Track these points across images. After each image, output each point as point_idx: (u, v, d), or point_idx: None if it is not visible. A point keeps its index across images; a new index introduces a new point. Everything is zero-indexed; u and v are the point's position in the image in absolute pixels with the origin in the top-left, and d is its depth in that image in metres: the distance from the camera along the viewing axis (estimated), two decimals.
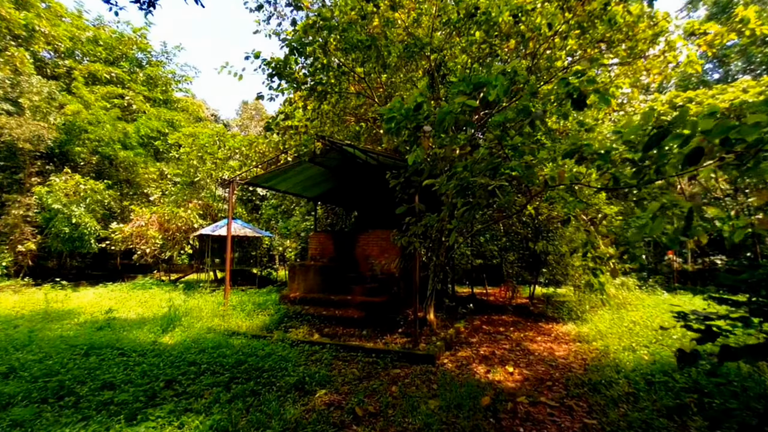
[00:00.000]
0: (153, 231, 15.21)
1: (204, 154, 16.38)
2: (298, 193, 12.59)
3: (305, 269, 9.96)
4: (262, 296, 12.03)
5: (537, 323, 10.19)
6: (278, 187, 11.30)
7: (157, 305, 10.85)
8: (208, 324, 8.35)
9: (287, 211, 17.75)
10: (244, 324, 8.52)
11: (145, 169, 19.08)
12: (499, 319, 10.49)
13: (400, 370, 6.05)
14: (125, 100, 19.87)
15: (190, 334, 7.42)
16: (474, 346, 7.59)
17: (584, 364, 6.58)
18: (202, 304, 10.00)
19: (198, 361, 5.75)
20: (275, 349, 6.54)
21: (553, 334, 8.85)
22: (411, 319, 8.75)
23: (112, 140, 17.32)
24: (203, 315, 8.89)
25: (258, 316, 9.21)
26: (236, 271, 17.21)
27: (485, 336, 8.48)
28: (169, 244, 15.86)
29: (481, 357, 6.85)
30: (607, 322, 9.29)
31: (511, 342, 8.03)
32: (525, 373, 6.11)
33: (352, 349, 6.81)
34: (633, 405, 4.75)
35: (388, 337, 7.95)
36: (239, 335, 7.61)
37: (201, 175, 16.61)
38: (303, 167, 10.37)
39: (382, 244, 9.94)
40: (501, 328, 9.28)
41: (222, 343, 6.74)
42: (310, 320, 8.63)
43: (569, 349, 7.55)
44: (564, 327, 9.63)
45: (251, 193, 19.07)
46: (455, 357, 6.85)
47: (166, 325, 8.15)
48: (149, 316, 9.31)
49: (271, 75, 7.04)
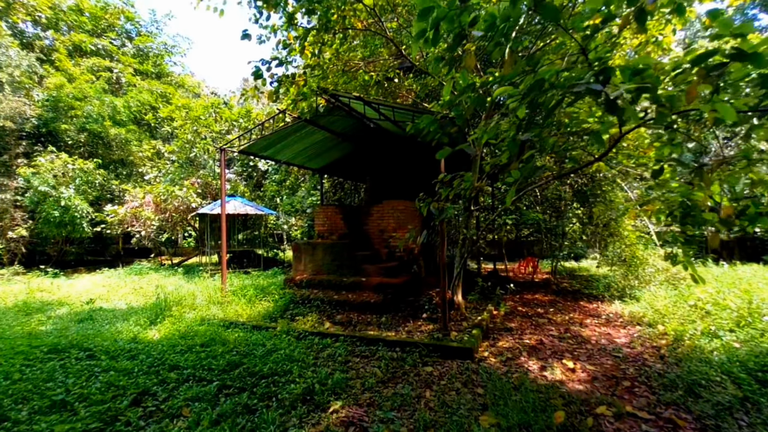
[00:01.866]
0: (148, 212, 14.10)
1: (199, 127, 15.05)
2: (301, 165, 11.27)
3: (312, 248, 8.75)
4: (267, 279, 10.92)
5: (577, 302, 8.94)
6: (278, 157, 9.99)
7: (152, 292, 9.79)
8: (203, 313, 7.24)
9: (292, 188, 16.49)
10: (244, 312, 7.40)
11: (139, 146, 17.82)
12: (533, 298, 9.25)
13: (431, 367, 4.86)
14: (114, 74, 18.45)
15: (179, 327, 6.31)
16: (515, 334, 6.37)
17: (658, 355, 5.33)
18: (198, 290, 8.90)
19: (182, 365, 4.61)
20: (278, 345, 5.38)
21: (603, 316, 7.59)
22: (437, 302, 7.55)
23: (101, 116, 16.03)
24: (198, 303, 7.77)
25: (260, 302, 8.08)
26: (241, 253, 16.15)
27: (524, 320, 7.26)
28: (167, 225, 14.78)
29: (528, 348, 5.62)
30: (663, 300, 8.00)
31: (558, 327, 6.80)
32: (589, 368, 4.88)
33: (370, 342, 5.63)
34: (756, 415, 3.51)
35: (411, 324, 6.76)
36: (237, 326, 6.48)
37: (198, 150, 15.32)
38: (306, 132, 9.01)
39: (399, 217, 8.65)
40: (539, 310, 8.04)
41: (215, 338, 5.60)
42: (320, 306, 7.47)
43: (630, 335, 6.30)
44: (611, 306, 8.36)
45: (252, 168, 17.80)
46: (496, 348, 5.64)
47: (155, 316, 7.06)
48: (139, 306, 8.25)
49: (259, 8, 5.63)
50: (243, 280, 10.57)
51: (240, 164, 17.92)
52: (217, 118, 16.25)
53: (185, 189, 14.17)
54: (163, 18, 22.40)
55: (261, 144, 8.88)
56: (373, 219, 8.92)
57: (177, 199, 14.12)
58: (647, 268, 9.42)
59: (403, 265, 8.54)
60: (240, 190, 17.97)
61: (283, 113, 7.65)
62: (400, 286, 7.58)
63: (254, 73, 5.62)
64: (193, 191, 14.56)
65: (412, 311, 7.27)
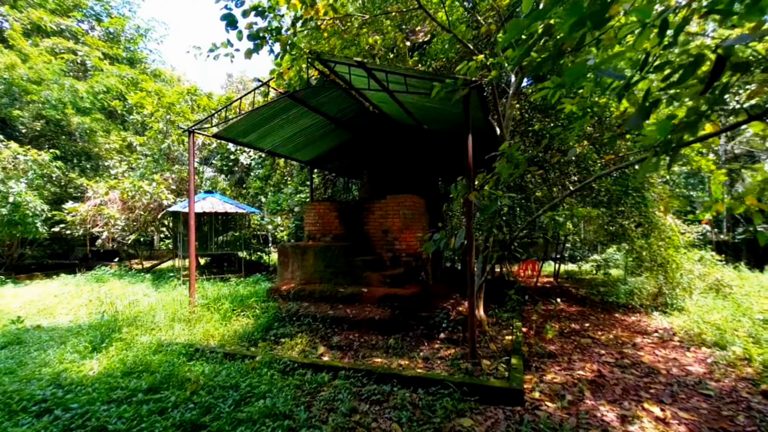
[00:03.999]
0: (113, 210, 12.36)
1: (173, 116, 13.39)
2: (288, 155, 9.78)
3: (301, 252, 7.29)
4: (248, 287, 9.40)
5: (611, 314, 7.71)
6: (261, 145, 8.48)
7: (110, 304, 8.18)
8: (164, 335, 5.73)
9: (278, 185, 14.93)
10: (216, 332, 5.91)
11: (106, 138, 15.99)
12: (559, 310, 7.97)
13: (470, 419, 3.49)
14: (78, 57, 16.57)
15: (127, 357, 4.79)
16: (561, 361, 5.05)
17: (758, 391, 4.08)
18: (163, 302, 7.35)
19: (111, 427, 3.12)
20: (257, 385, 3.94)
21: (651, 333, 6.36)
22: (454, 318, 6.19)
23: (61, 102, 14.20)
24: (159, 320, 6.23)
25: (238, 318, 6.59)
26: (220, 256, 14.51)
27: (563, 340, 5.95)
28: (136, 225, 13.06)
29: (587, 383, 4.29)
30: (716, 312, 6.83)
31: (608, 350, 5.51)
32: (684, 417, 3.57)
33: (382, 378, 4.22)
34: None
35: (426, 348, 5.40)
36: (205, 354, 4.99)
37: (171, 141, 13.62)
38: (294, 114, 7.56)
39: (406, 214, 7.25)
40: (574, 325, 6.77)
41: (172, 375, 4.12)
42: (311, 324, 6.03)
43: (702, 361, 5.06)
44: (653, 320, 7.15)
45: (234, 163, 16.16)
46: (546, 384, 4.30)
47: (100, 340, 5.52)
48: (86, 323, 6.65)
49: None
50: (219, 289, 9.03)
51: (220, 158, 16.27)
52: (194, 106, 14.59)
53: (155, 184, 12.48)
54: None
55: (240, 127, 7.38)
56: (375, 217, 7.51)
57: (146, 196, 12.42)
58: (684, 273, 8.25)
59: (410, 272, 7.16)
60: (220, 186, 16.32)
61: (265, 85, 6.18)
62: (410, 299, 6.19)
63: (225, 18, 4.17)
64: (165, 187, 12.88)
65: (426, 330, 5.89)
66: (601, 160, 6.65)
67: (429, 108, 6.89)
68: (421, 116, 7.77)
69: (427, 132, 8.88)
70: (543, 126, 7.00)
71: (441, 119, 7.55)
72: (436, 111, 6.96)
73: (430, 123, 8.22)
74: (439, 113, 7.04)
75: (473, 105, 5.21)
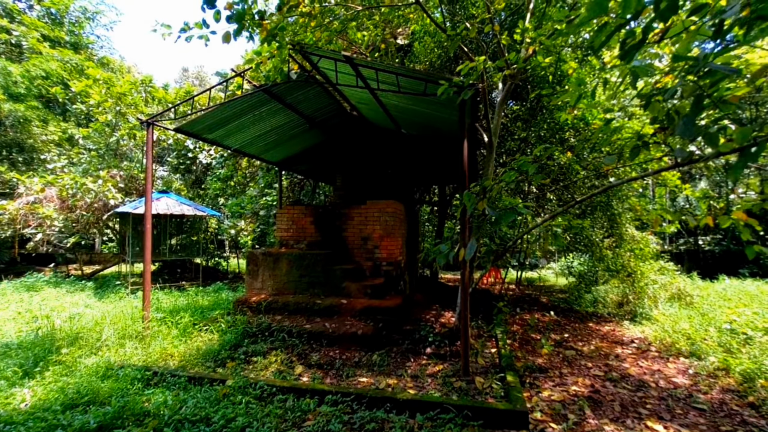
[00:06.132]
0: (49, 209, 10.97)
1: (123, 107, 12.17)
2: (256, 155, 9.13)
3: (273, 260, 6.72)
4: (208, 297, 8.62)
5: (585, 323, 7.80)
6: (227, 142, 7.80)
7: (43, 318, 7.11)
8: (113, 354, 4.97)
9: (240, 185, 14.05)
10: (176, 351, 5.22)
11: (43, 128, 14.28)
12: (535, 319, 7.94)
13: None
14: (13, 36, 14.71)
15: (69, 383, 4.04)
16: (553, 375, 4.91)
17: (745, 404, 4.13)
18: (110, 315, 6.46)
19: None
20: (231, 416, 3.40)
21: (628, 343, 6.44)
22: (439, 331, 5.92)
23: None
24: (106, 338, 5.42)
25: (200, 333, 5.91)
26: (173, 262, 13.36)
27: (548, 352, 5.84)
28: (77, 227, 11.69)
29: (586, 400, 4.14)
30: (684, 321, 7.06)
31: (594, 362, 5.46)
32: None
33: (373, 402, 3.82)
34: None
35: (413, 364, 5.07)
36: (166, 378, 4.33)
37: (121, 135, 12.35)
38: (267, 111, 7.02)
39: (387, 221, 6.90)
40: (554, 336, 6.72)
41: (127, 407, 3.47)
42: (286, 340, 5.49)
43: (684, 372, 5.14)
44: (626, 329, 7.30)
45: (192, 161, 15.02)
46: (545, 402, 4.10)
47: (34, 363, 4.67)
48: (15, 342, 5.67)
49: None
50: (176, 299, 8.18)
51: (176, 155, 15.06)
52: (148, 98, 13.42)
53: (101, 182, 11.24)
54: None
55: (206, 122, 6.71)
56: (354, 224, 7.09)
57: (89, 194, 11.14)
58: (649, 283, 8.56)
59: (391, 281, 6.82)
60: (175, 186, 15.12)
61: (240, 76, 5.61)
62: (393, 311, 5.84)
63: None
64: (113, 185, 11.65)
65: (411, 344, 5.56)
66: (584, 171, 6.70)
67: (414, 111, 6.63)
68: (403, 120, 7.51)
69: (404, 137, 8.63)
70: (527, 135, 6.97)
71: (423, 124, 7.33)
72: (420, 115, 6.71)
73: (410, 127, 7.98)
74: (423, 117, 6.80)
75: (467, 110, 5.00)
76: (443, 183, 11.48)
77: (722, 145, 2.27)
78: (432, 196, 14.09)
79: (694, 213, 16.24)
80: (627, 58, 1.75)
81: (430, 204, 14.28)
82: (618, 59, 1.82)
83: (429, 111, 6.27)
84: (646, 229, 9.97)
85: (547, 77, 7.27)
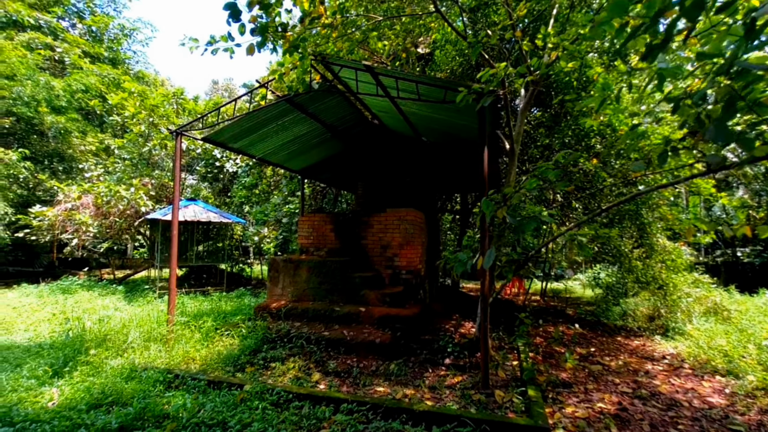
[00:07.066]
0: (85, 216, 11.52)
1: (156, 119, 12.73)
2: (280, 163, 9.31)
3: (294, 266, 6.79)
4: (231, 302, 8.78)
5: (613, 338, 7.48)
6: (252, 151, 8.01)
7: (75, 319, 7.42)
8: (138, 356, 5.12)
9: (264, 194, 14.35)
10: (197, 354, 5.33)
11: (82, 139, 15.10)
12: (559, 331, 7.68)
13: None
14: (56, 53, 15.72)
15: (94, 384, 4.17)
16: (577, 390, 4.71)
17: None
18: (138, 318, 6.68)
19: None
20: (248, 422, 3.43)
21: (660, 359, 6.12)
22: (458, 341, 5.80)
23: (34, 99, 13.33)
24: (132, 340, 5.59)
25: (221, 338, 6.01)
26: (200, 268, 13.72)
27: (573, 366, 5.62)
28: (110, 232, 12.21)
29: (612, 418, 3.95)
30: (718, 336, 6.66)
31: (622, 378, 5.21)
32: None
33: (389, 413, 3.76)
34: None
35: (431, 374, 4.98)
36: (186, 381, 4.42)
37: (153, 145, 12.90)
38: (290, 120, 7.17)
39: (407, 229, 6.87)
40: (579, 350, 6.46)
41: (147, 409, 3.56)
42: (304, 346, 5.51)
43: (719, 391, 4.82)
44: (657, 344, 6.94)
45: (219, 170, 15.50)
46: (568, 419, 3.93)
47: (63, 362, 4.86)
48: (48, 341, 5.94)
49: None
50: (200, 304, 8.37)
51: (204, 164, 15.58)
52: (179, 110, 13.98)
53: (134, 189, 11.73)
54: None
55: (232, 131, 6.90)
56: (374, 231, 7.10)
57: (123, 202, 11.65)
58: (682, 296, 8.13)
59: (410, 290, 6.76)
60: (203, 194, 15.60)
61: (264, 87, 5.77)
62: (412, 320, 5.78)
63: (228, 7, 3.77)
64: (144, 192, 12.13)
65: (429, 354, 5.47)
66: (611, 178, 6.49)
67: (434, 119, 6.62)
68: (423, 127, 7.50)
69: (425, 145, 8.61)
70: (550, 141, 6.82)
71: (444, 131, 7.29)
72: (441, 122, 6.69)
73: (430, 135, 7.96)
74: (443, 124, 6.77)
75: (487, 117, 4.94)
76: (465, 191, 11.37)
77: (757, 149, 2.14)
78: (454, 204, 13.97)
79: (731, 223, 15.37)
80: (650, 58, 1.68)
81: (452, 213, 14.15)
82: (641, 61, 1.75)
83: (449, 119, 6.24)
84: (678, 239, 9.52)
85: (572, 83, 7.13)
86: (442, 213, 13.42)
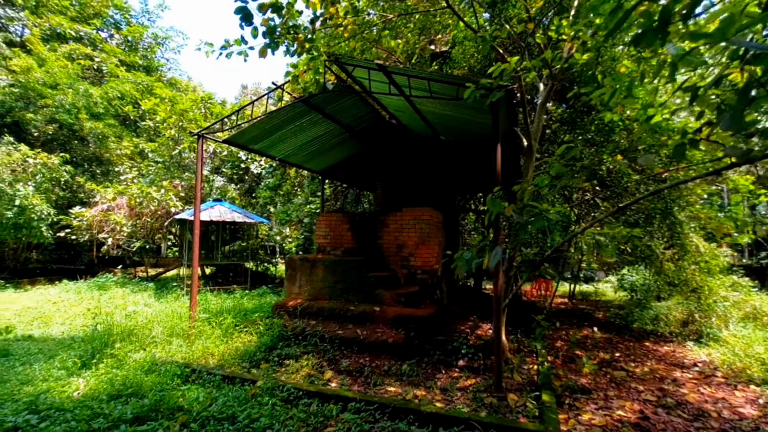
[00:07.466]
0: (119, 216, 12.13)
1: (185, 122, 13.25)
2: (299, 164, 9.47)
3: (310, 265, 6.89)
4: (253, 300, 9.01)
5: (641, 342, 7.14)
6: (272, 152, 8.18)
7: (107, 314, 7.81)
8: (160, 350, 5.33)
9: (287, 195, 14.63)
10: (216, 350, 5.49)
11: (118, 143, 15.92)
12: (583, 336, 7.41)
13: None
14: (95, 62, 16.67)
15: (117, 376, 4.38)
16: (596, 397, 4.52)
17: None
18: (163, 314, 6.96)
19: None
20: (256, 416, 3.50)
21: (689, 366, 5.78)
22: (473, 343, 5.69)
23: (75, 107, 14.18)
24: (155, 334, 5.82)
25: (240, 335, 6.16)
26: (226, 266, 14.17)
27: (594, 371, 5.40)
28: (143, 232, 12.80)
29: (631, 426, 3.76)
30: (756, 343, 6.24)
31: (646, 385, 4.96)
32: None
33: (396, 413, 3.74)
34: None
35: (444, 376, 4.91)
36: (202, 375, 4.56)
37: (182, 148, 13.44)
38: (308, 121, 7.26)
39: (423, 229, 6.82)
40: (603, 354, 6.20)
41: (163, 401, 3.70)
42: (318, 345, 5.57)
43: (752, 401, 4.50)
44: (688, 350, 6.57)
45: (245, 172, 15.95)
46: (584, 426, 3.78)
47: (90, 355, 5.13)
48: (79, 335, 6.29)
49: None
50: (223, 301, 8.63)
51: (230, 166, 16.08)
52: (207, 114, 14.47)
53: (164, 191, 12.24)
54: (156, 8, 20.75)
55: (251, 133, 7.08)
56: (390, 231, 7.09)
57: (154, 202, 12.18)
58: (718, 300, 7.64)
59: (426, 290, 6.70)
60: (229, 195, 16.09)
61: (280, 88, 5.88)
62: (426, 320, 5.72)
63: (239, 11, 3.87)
64: (174, 194, 12.64)
65: (443, 356, 5.40)
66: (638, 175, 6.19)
67: (450, 117, 6.53)
68: (441, 126, 7.42)
69: (444, 144, 8.51)
70: (572, 138, 6.58)
71: (461, 129, 7.19)
72: (458, 120, 6.60)
73: (448, 134, 7.86)
74: (461, 122, 6.67)
75: (501, 113, 4.83)
76: (486, 191, 11.16)
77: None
78: (478, 204, 13.73)
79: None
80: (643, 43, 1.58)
81: (476, 212, 13.91)
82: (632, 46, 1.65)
83: (466, 116, 6.14)
84: (714, 239, 8.97)
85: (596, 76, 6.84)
86: (465, 213, 13.21)
